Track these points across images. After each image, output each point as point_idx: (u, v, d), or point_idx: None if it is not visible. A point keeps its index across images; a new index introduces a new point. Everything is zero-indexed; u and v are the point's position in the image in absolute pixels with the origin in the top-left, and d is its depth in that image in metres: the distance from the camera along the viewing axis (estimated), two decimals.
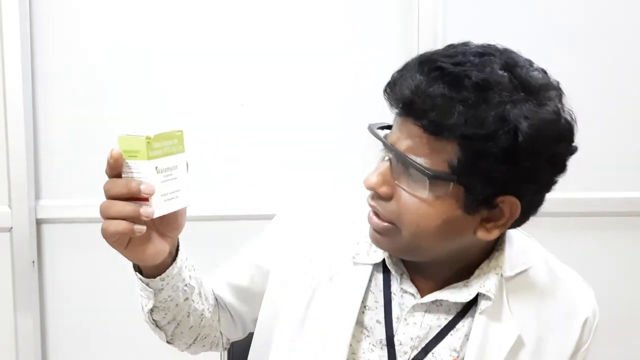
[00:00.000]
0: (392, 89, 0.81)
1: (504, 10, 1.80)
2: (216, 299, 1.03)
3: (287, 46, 1.77)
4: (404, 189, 0.81)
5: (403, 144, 0.80)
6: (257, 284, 1.00)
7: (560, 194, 1.82)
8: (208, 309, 0.99)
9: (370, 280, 0.92)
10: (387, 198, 0.83)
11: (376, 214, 0.85)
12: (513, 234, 0.94)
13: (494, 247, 0.91)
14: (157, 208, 0.76)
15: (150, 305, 0.89)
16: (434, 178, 0.78)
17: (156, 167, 0.76)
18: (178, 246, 0.89)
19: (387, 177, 0.82)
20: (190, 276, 0.92)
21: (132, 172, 0.77)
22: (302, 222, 0.99)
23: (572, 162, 0.89)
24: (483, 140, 0.75)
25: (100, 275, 1.78)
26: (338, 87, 1.79)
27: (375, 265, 0.93)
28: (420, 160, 0.78)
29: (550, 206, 1.91)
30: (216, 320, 1.02)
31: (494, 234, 0.84)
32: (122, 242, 0.78)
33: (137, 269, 0.87)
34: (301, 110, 1.79)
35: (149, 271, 0.86)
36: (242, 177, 1.79)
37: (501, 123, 0.75)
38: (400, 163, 0.81)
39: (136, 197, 0.75)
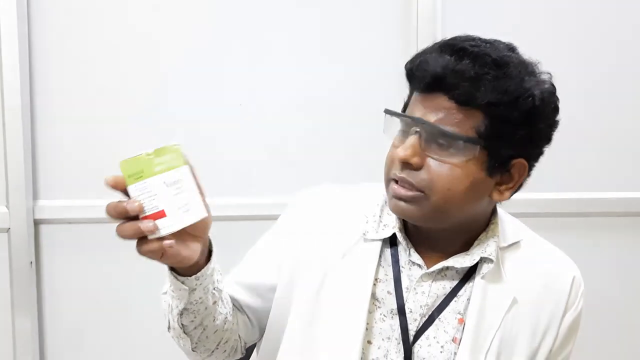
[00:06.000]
0: (419, 70, 0.91)
1: (502, 10, 1.80)
2: (233, 303, 1.05)
3: (286, 47, 1.77)
4: (434, 158, 0.91)
5: (432, 117, 0.90)
6: (272, 277, 1.04)
7: (559, 194, 1.85)
8: (229, 312, 1.01)
9: (379, 256, 1.00)
10: (418, 167, 0.91)
11: (401, 186, 0.93)
12: (504, 216, 1.05)
13: (489, 221, 1.02)
14: (175, 222, 0.78)
15: (181, 307, 0.91)
16: (467, 142, 0.89)
17: (164, 182, 0.77)
18: (211, 246, 0.92)
19: (416, 148, 0.91)
20: (218, 280, 0.95)
21: (141, 194, 0.77)
22: (311, 210, 1.06)
23: (571, 162, 0.91)
24: (507, 107, 0.88)
25: (98, 276, 1.77)
26: (336, 87, 1.79)
27: (384, 242, 1.01)
28: (450, 129, 0.89)
29: (549, 206, 1.92)
30: (236, 324, 1.05)
31: (506, 196, 0.96)
32: (157, 256, 0.81)
33: (171, 268, 0.89)
34: (300, 111, 1.79)
35: (182, 271, 0.89)
36: (241, 178, 1.79)
37: (521, 91, 0.89)
38: (430, 134, 0.90)
39: (151, 216, 0.77)
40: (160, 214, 0.77)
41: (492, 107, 0.88)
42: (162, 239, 0.78)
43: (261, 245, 1.09)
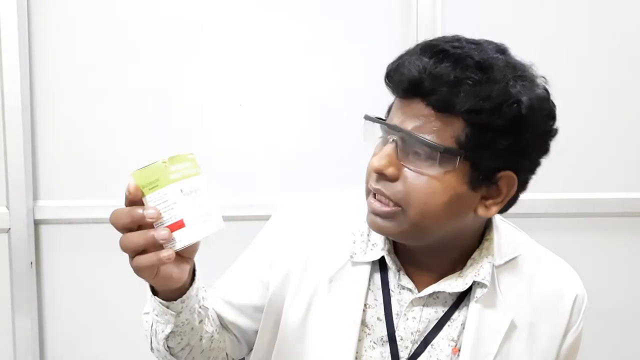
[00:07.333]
0: (396, 73, 0.85)
1: (502, 10, 1.80)
2: (219, 321, 1.02)
3: (286, 46, 1.77)
4: (411, 169, 0.84)
5: (409, 124, 0.83)
6: (259, 297, 1.00)
7: (560, 194, 1.85)
8: (216, 330, 0.97)
9: (369, 279, 0.94)
10: (394, 179, 0.84)
11: (378, 200, 0.86)
12: (500, 225, 0.98)
13: (483, 237, 0.94)
14: (195, 233, 0.73)
15: (168, 330, 0.87)
16: (445, 153, 0.81)
17: (181, 190, 0.73)
18: (194, 266, 0.87)
19: (392, 158, 0.84)
20: (203, 297, 0.91)
21: (159, 205, 0.73)
22: (296, 226, 1.00)
23: (572, 162, 0.90)
24: (489, 114, 0.80)
25: (98, 276, 1.77)
26: (336, 87, 1.79)
27: (372, 264, 0.95)
28: (428, 137, 0.82)
29: (550, 207, 1.91)
30: (223, 342, 1.01)
31: (493, 211, 0.88)
32: (152, 273, 0.76)
33: (155, 293, 0.85)
34: (300, 111, 1.79)
35: (166, 295, 0.85)
36: (240, 178, 1.78)
37: (505, 97, 0.81)
38: (407, 143, 0.84)
39: (170, 226, 0.73)
40: (179, 224, 0.73)
41: (472, 114, 0.80)
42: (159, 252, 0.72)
43: (246, 262, 1.03)
